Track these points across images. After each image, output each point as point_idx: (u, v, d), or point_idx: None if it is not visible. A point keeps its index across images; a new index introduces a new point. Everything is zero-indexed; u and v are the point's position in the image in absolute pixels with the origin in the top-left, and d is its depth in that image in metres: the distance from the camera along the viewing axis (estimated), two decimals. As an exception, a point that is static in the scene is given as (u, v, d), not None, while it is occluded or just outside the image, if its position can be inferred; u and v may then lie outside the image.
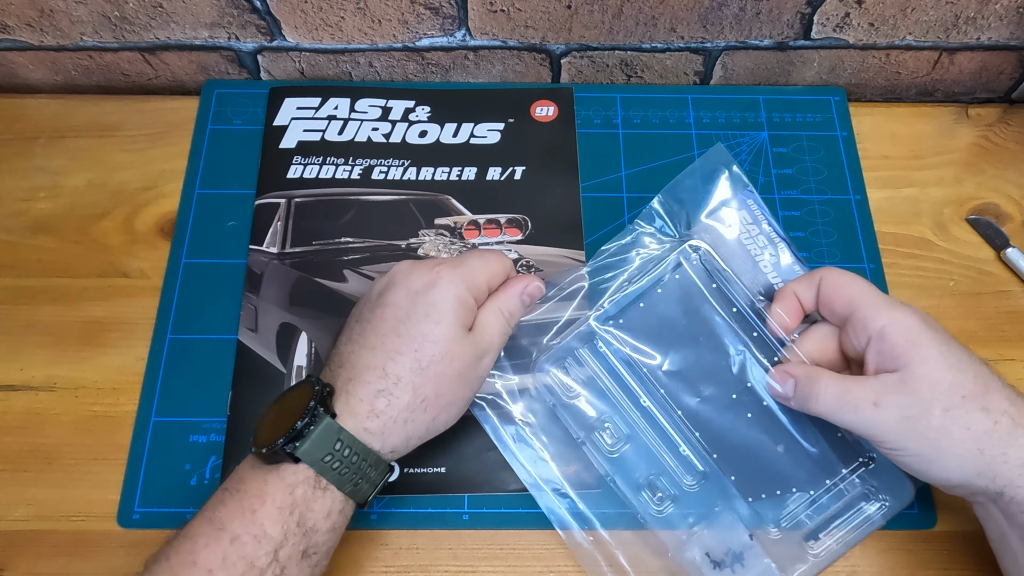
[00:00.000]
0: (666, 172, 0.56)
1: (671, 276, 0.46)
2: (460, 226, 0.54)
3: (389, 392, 0.39)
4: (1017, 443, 0.37)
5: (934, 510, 0.46)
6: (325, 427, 0.38)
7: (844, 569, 0.45)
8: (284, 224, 0.54)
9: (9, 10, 0.55)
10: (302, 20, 0.56)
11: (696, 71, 0.61)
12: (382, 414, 0.39)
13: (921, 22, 0.56)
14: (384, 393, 0.39)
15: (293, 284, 0.51)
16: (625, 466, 0.45)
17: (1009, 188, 0.57)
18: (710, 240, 0.47)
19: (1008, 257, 0.54)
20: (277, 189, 0.55)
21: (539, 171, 0.56)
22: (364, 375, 0.40)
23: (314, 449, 0.37)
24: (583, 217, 0.55)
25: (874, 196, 0.56)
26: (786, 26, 0.56)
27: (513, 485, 0.47)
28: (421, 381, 0.40)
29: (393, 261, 0.52)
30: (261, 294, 0.51)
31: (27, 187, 0.56)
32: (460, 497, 0.47)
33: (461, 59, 0.59)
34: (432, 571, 0.45)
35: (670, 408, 0.45)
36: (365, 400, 0.39)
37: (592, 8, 0.54)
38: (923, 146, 0.59)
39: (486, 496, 0.47)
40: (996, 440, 0.37)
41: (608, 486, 0.45)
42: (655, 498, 0.45)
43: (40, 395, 0.49)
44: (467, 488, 0.47)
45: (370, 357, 0.40)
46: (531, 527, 0.46)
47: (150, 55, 0.59)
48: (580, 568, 0.45)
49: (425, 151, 0.57)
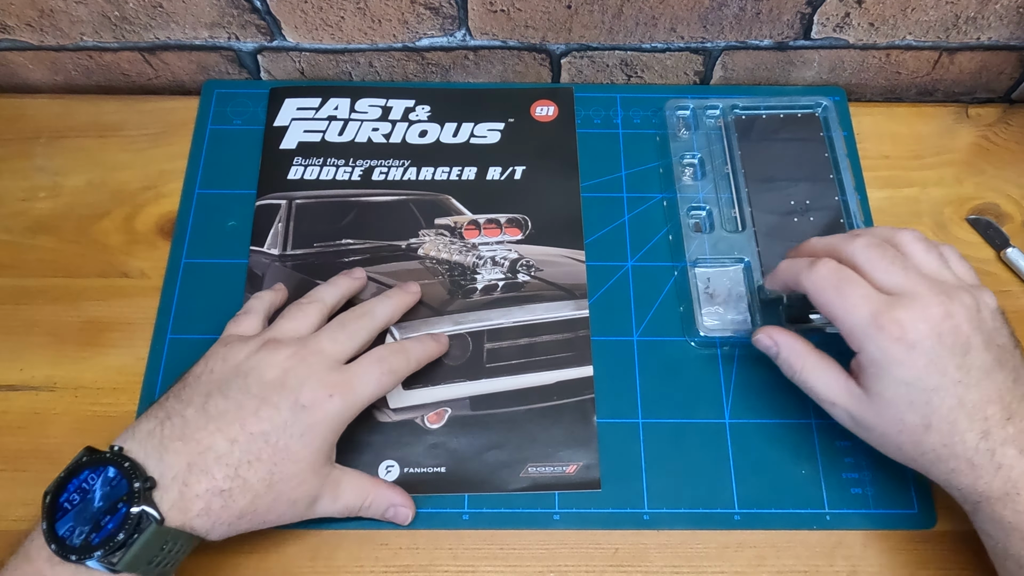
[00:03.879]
0: (666, 172, 0.56)
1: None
2: (460, 226, 0.54)
3: (231, 494, 0.37)
4: (936, 475, 0.40)
5: (934, 510, 0.46)
6: (152, 535, 0.35)
7: (844, 569, 0.45)
8: (285, 226, 0.54)
9: (9, 10, 0.55)
10: (302, 20, 0.56)
11: (696, 71, 0.61)
12: (214, 514, 0.37)
13: (921, 22, 0.56)
14: (225, 495, 0.37)
15: (294, 286, 0.51)
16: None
17: (1009, 188, 0.57)
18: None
19: (1008, 257, 0.54)
20: (278, 190, 0.55)
21: (539, 171, 0.56)
22: (212, 469, 0.37)
23: (137, 561, 0.35)
24: (583, 217, 0.55)
25: (874, 196, 0.56)
26: (786, 26, 0.56)
27: (513, 485, 0.47)
28: (264, 492, 0.38)
29: (394, 262, 0.52)
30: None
31: (27, 187, 0.56)
32: (460, 497, 0.47)
33: (461, 59, 0.59)
34: (432, 571, 0.45)
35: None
36: (202, 497, 0.37)
37: (592, 8, 0.54)
38: (923, 146, 0.59)
39: (486, 496, 0.47)
40: (923, 468, 0.40)
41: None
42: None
43: (40, 395, 0.49)
44: (467, 488, 0.47)
45: (226, 449, 0.38)
46: (531, 527, 0.46)
47: (150, 55, 0.59)
48: (580, 568, 0.45)
49: (425, 151, 0.57)
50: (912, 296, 0.39)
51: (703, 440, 0.48)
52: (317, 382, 0.41)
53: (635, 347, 0.51)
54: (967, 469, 0.38)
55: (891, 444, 0.40)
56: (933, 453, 0.39)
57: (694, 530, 0.46)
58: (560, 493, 0.46)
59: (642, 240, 0.54)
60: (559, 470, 0.47)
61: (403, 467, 0.47)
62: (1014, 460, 0.37)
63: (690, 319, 0.51)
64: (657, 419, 0.49)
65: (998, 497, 0.38)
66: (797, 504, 0.46)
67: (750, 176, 0.55)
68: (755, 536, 0.46)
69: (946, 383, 0.38)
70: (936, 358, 0.38)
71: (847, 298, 0.40)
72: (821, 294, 0.41)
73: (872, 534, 0.46)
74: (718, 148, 0.56)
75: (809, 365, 0.42)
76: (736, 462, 0.47)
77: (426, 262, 0.52)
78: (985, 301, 0.40)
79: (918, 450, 0.39)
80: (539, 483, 0.47)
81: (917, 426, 0.39)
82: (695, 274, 0.52)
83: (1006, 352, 0.39)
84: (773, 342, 0.44)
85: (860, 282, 0.40)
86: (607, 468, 0.47)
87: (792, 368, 0.43)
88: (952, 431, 0.38)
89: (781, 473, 0.47)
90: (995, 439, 0.38)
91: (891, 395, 0.39)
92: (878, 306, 0.39)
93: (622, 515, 0.46)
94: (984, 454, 0.38)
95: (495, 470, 0.47)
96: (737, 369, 0.50)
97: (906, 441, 0.39)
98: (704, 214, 0.54)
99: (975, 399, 0.38)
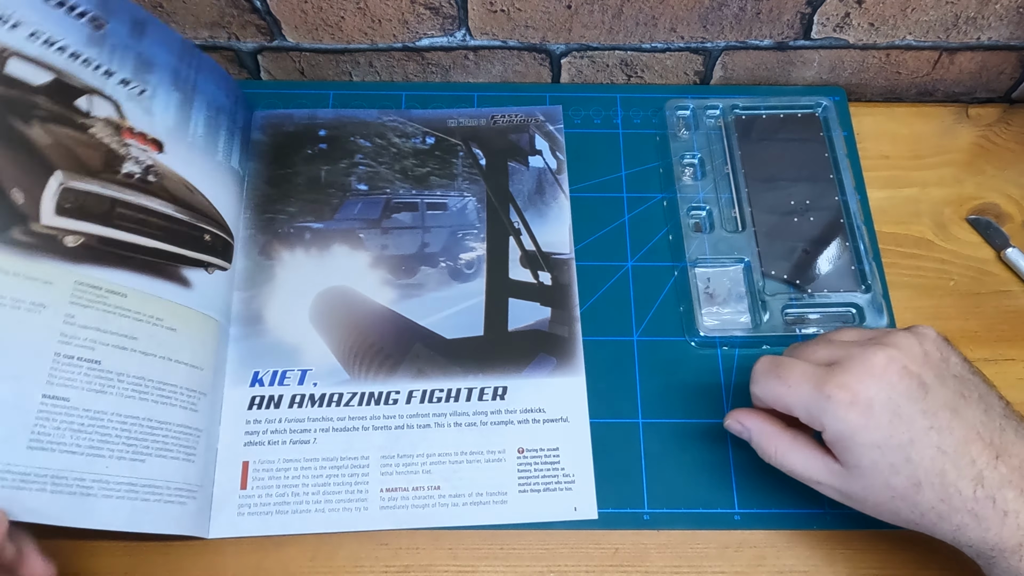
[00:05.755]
0: (666, 172, 0.56)
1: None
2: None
3: None
4: (943, 534, 0.37)
5: (934, 510, 0.46)
6: None
7: (844, 569, 0.45)
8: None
9: (9, 10, 0.55)
10: (302, 20, 0.56)
11: (696, 71, 0.61)
12: None
13: (921, 22, 0.56)
14: None
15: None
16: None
17: (1009, 188, 0.57)
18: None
19: (1008, 257, 0.54)
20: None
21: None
22: None
23: None
24: (580, 218, 0.55)
25: (874, 196, 0.56)
26: (786, 26, 0.56)
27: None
28: None
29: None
30: None
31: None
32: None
33: (461, 59, 0.59)
34: (432, 571, 0.45)
35: None
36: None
37: (592, 8, 0.54)
38: (923, 146, 0.59)
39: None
40: (928, 529, 0.38)
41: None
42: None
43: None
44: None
45: None
46: (531, 527, 0.46)
47: (150, 55, 0.59)
48: (580, 568, 0.45)
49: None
50: (849, 357, 0.38)
51: (703, 440, 0.48)
52: None
53: (635, 347, 0.51)
54: (972, 522, 0.36)
55: (887, 512, 0.38)
56: (933, 512, 0.37)
57: (694, 530, 0.46)
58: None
59: (642, 240, 0.54)
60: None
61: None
62: (1019, 504, 0.35)
63: (690, 319, 0.51)
64: (657, 419, 0.49)
65: (1012, 549, 0.35)
66: (797, 504, 0.46)
67: (750, 176, 0.55)
68: (755, 536, 0.46)
69: (917, 433, 0.36)
70: (897, 409, 0.36)
71: (787, 380, 0.39)
72: (765, 388, 0.40)
73: (872, 534, 0.46)
74: (718, 148, 0.56)
75: (783, 447, 0.40)
76: (736, 462, 0.47)
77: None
78: (923, 333, 0.39)
79: (916, 512, 0.37)
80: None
81: (907, 488, 0.36)
82: (695, 274, 0.52)
83: (965, 383, 0.38)
84: (743, 427, 0.42)
85: (795, 362, 0.39)
86: (608, 468, 0.47)
87: (766, 453, 0.41)
88: (944, 483, 0.36)
89: (781, 473, 0.47)
90: (991, 484, 0.35)
91: (868, 463, 0.37)
92: (819, 377, 0.38)
93: (622, 515, 0.46)
94: (984, 503, 0.35)
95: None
96: (737, 369, 0.50)
97: (902, 506, 0.37)
98: (704, 214, 0.54)
99: (954, 442, 0.36)
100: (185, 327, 0.46)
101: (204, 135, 0.51)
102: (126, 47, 0.47)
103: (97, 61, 0.46)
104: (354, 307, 0.51)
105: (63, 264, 0.41)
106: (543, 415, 0.48)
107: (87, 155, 0.44)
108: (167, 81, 0.50)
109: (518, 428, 0.48)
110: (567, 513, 0.46)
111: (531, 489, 0.46)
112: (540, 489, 0.46)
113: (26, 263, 0.39)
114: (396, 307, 0.51)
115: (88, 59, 0.45)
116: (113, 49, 0.47)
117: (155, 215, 0.46)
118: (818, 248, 0.53)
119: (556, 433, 0.48)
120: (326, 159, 0.56)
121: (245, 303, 0.51)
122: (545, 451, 0.47)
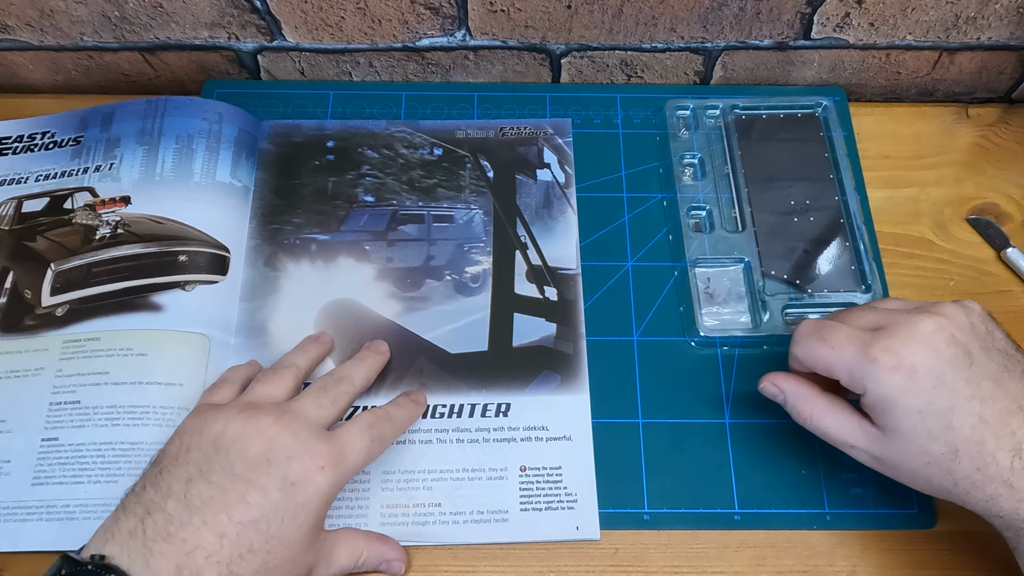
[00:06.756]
0: (666, 172, 0.56)
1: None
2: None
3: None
4: (975, 504, 0.37)
5: (934, 510, 0.46)
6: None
7: (844, 569, 0.45)
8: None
9: (9, 10, 0.55)
10: (302, 20, 0.56)
11: (696, 71, 0.61)
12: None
13: (921, 22, 0.56)
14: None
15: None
16: None
17: (1009, 188, 0.57)
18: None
19: (1008, 257, 0.54)
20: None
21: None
22: (203, 570, 0.34)
23: None
24: (579, 218, 0.55)
25: (874, 196, 0.56)
26: (786, 26, 0.56)
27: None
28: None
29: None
30: None
31: (27, 187, 0.56)
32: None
33: (461, 59, 0.59)
34: (432, 571, 0.45)
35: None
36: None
37: (592, 8, 0.54)
38: (923, 146, 0.59)
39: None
40: (959, 498, 0.38)
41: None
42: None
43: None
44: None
45: (216, 547, 0.35)
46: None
47: (150, 55, 0.59)
48: (580, 568, 0.45)
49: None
50: (895, 323, 0.38)
51: (703, 440, 0.48)
52: (306, 453, 0.38)
53: (635, 347, 0.51)
54: (1006, 492, 0.36)
55: (921, 478, 0.38)
56: (967, 481, 0.36)
57: (694, 530, 0.46)
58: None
59: (642, 240, 0.54)
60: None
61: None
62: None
63: (690, 319, 0.51)
64: (657, 419, 0.49)
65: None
66: (797, 504, 0.46)
67: (750, 176, 0.55)
68: (755, 536, 0.46)
69: (960, 401, 0.36)
70: (942, 376, 0.36)
71: (831, 342, 0.39)
72: (808, 349, 0.40)
73: (872, 534, 0.46)
74: (718, 148, 0.56)
75: (819, 410, 0.40)
76: (736, 462, 0.47)
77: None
78: (970, 307, 0.39)
79: (951, 480, 0.37)
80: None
81: (944, 454, 0.36)
82: (695, 274, 0.52)
83: (1008, 357, 0.38)
84: (779, 389, 0.42)
85: (840, 325, 0.39)
86: (608, 468, 0.47)
87: (801, 415, 0.41)
88: (982, 452, 0.36)
89: (781, 473, 0.47)
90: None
91: (907, 428, 0.37)
92: (864, 340, 0.38)
93: (622, 515, 0.46)
94: (1021, 474, 0.35)
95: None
96: (737, 369, 0.50)
97: (936, 473, 0.37)
98: (704, 214, 0.54)
99: (995, 412, 0.36)
100: (158, 350, 0.48)
101: (173, 167, 0.53)
102: (98, 141, 0.55)
103: (79, 167, 0.54)
104: (358, 320, 0.51)
105: (55, 331, 0.49)
106: (546, 433, 0.48)
107: (70, 241, 0.51)
108: (132, 143, 0.54)
109: (521, 446, 0.47)
110: (569, 532, 0.45)
111: (533, 507, 0.46)
112: (542, 508, 0.46)
113: (32, 341, 0.48)
114: (400, 320, 0.51)
115: (72, 170, 0.54)
116: (89, 150, 0.55)
117: (124, 260, 0.51)
118: (818, 248, 0.53)
119: (559, 451, 0.47)
120: (333, 170, 0.56)
121: (249, 314, 0.51)
122: (548, 469, 0.47)
